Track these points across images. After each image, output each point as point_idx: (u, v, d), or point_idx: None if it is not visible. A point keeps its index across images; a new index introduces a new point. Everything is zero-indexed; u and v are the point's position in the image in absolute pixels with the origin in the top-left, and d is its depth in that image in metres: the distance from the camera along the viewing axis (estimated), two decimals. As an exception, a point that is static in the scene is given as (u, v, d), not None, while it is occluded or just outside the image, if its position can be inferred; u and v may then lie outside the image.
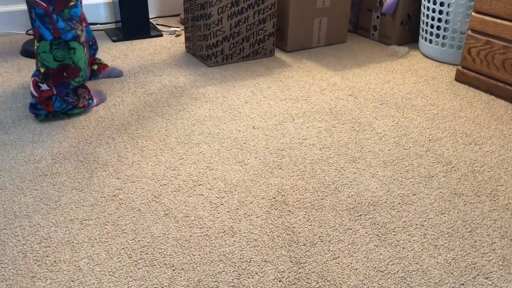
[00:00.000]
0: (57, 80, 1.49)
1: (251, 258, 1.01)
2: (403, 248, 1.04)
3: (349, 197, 1.20)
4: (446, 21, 1.99)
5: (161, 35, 2.41)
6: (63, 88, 1.51)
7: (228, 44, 1.94)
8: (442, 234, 1.08)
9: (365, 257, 1.02)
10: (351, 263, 1.00)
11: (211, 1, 1.82)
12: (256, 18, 1.94)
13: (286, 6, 2.11)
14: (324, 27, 2.23)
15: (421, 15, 2.13)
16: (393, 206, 1.17)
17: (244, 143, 1.43)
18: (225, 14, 1.87)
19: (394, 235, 1.08)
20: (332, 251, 1.03)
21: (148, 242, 1.05)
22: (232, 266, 0.99)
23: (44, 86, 1.49)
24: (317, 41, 2.25)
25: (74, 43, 1.47)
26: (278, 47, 2.26)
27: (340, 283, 0.95)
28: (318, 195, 1.21)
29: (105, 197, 1.19)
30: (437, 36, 2.06)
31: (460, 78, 1.88)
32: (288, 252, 1.03)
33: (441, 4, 1.98)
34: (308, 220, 1.12)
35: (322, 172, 1.30)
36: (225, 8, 1.86)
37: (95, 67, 1.85)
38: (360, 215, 1.14)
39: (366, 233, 1.09)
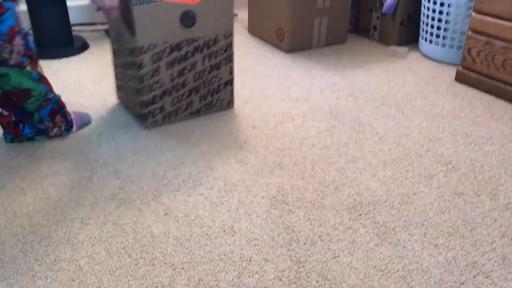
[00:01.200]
0: (9, 105, 1.34)
1: (251, 257, 1.01)
2: (403, 247, 1.04)
3: (349, 196, 1.21)
4: (446, 21, 1.99)
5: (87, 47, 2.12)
6: (18, 112, 1.35)
7: (170, 99, 1.48)
8: (442, 233, 1.09)
9: (365, 256, 1.02)
10: (351, 262, 1.00)
11: (142, 47, 1.36)
12: (206, 64, 1.50)
13: (286, 6, 2.08)
14: (324, 27, 2.19)
15: (421, 15, 2.13)
16: (393, 206, 1.17)
17: (244, 143, 1.43)
18: (163, 62, 1.42)
19: (394, 234, 1.08)
20: (332, 250, 1.03)
21: (148, 241, 1.05)
22: (232, 265, 0.99)
23: (3, 112, 1.37)
24: (317, 42, 2.22)
25: (2, 68, 1.24)
26: (277, 47, 2.25)
27: (340, 282, 0.95)
28: (318, 195, 1.21)
29: (105, 196, 1.19)
30: (437, 36, 2.06)
31: (460, 78, 1.88)
32: (288, 251, 1.03)
33: (441, 4, 1.98)
34: (308, 219, 1.12)
35: (322, 172, 1.30)
36: (162, 54, 1.41)
37: None
38: (360, 215, 1.14)
39: (366, 232, 1.09)
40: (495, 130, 1.53)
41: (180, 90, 1.49)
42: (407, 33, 2.30)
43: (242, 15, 2.77)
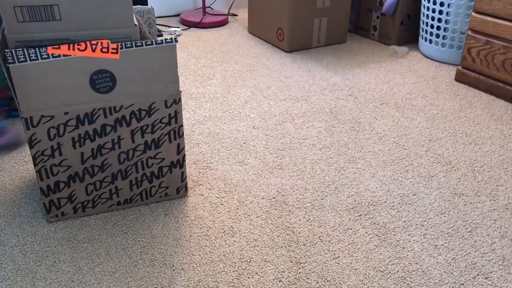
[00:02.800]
0: None
1: (251, 258, 1.01)
2: (403, 248, 1.04)
3: (349, 197, 1.20)
4: (446, 21, 1.99)
5: None
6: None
7: (81, 186, 1.09)
8: (442, 234, 1.08)
9: (365, 257, 1.02)
10: (351, 263, 1.00)
11: (31, 117, 0.98)
12: (138, 141, 1.09)
13: (286, 6, 2.08)
14: (324, 27, 2.21)
15: (421, 15, 2.13)
16: (393, 206, 1.17)
17: (244, 143, 1.43)
18: (66, 137, 1.03)
19: (394, 235, 1.08)
20: (332, 251, 1.03)
21: (148, 242, 1.05)
22: (232, 266, 0.99)
23: None
24: (317, 41, 2.24)
25: None
26: (277, 47, 2.25)
27: (340, 283, 0.95)
28: (318, 195, 1.21)
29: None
30: (437, 36, 2.06)
31: (460, 78, 1.88)
32: (288, 252, 1.03)
33: (441, 4, 1.98)
34: (308, 220, 1.12)
35: (322, 172, 1.30)
36: (63, 127, 1.02)
37: None
38: (360, 215, 1.14)
39: (366, 233, 1.09)
40: (495, 130, 1.53)
41: (98, 174, 1.09)
42: (407, 33, 2.30)
43: (242, 15, 2.77)
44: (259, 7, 2.32)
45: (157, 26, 2.55)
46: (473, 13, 1.76)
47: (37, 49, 0.93)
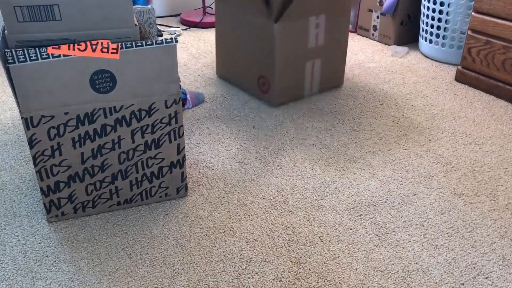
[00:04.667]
0: None
1: (251, 258, 1.01)
2: (403, 248, 1.04)
3: (349, 197, 1.20)
4: (446, 21, 1.99)
5: None
6: None
7: (81, 186, 1.09)
8: (442, 234, 1.08)
9: (365, 257, 1.02)
10: (351, 263, 1.00)
11: (31, 117, 0.99)
12: (137, 141, 1.09)
13: (271, 48, 1.56)
14: (318, 70, 1.71)
15: (421, 15, 2.13)
16: (393, 206, 1.17)
17: (244, 143, 1.43)
18: (67, 137, 1.03)
19: (394, 235, 1.08)
20: (332, 251, 1.03)
21: (148, 242, 1.05)
22: (232, 266, 0.99)
23: None
24: (310, 89, 1.72)
25: None
26: (259, 99, 1.70)
27: (340, 283, 0.95)
28: (318, 195, 1.21)
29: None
30: (437, 36, 2.06)
31: (460, 78, 1.88)
32: (288, 252, 1.03)
33: (441, 4, 1.98)
34: (308, 220, 1.12)
35: (322, 172, 1.30)
36: (63, 128, 1.02)
37: None
38: (360, 215, 1.14)
39: (366, 233, 1.09)
40: (495, 130, 1.53)
41: (98, 174, 1.09)
42: (407, 33, 2.30)
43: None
44: (232, 45, 1.75)
45: (157, 26, 2.55)
46: (473, 13, 1.76)
47: (37, 49, 0.93)
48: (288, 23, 1.55)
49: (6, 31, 0.95)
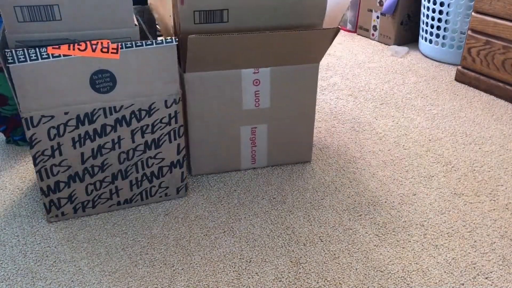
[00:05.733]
0: None
1: (251, 258, 1.01)
2: (403, 248, 1.04)
3: (349, 197, 1.21)
4: (446, 21, 1.99)
5: None
6: None
7: (81, 186, 1.09)
8: (442, 234, 1.09)
9: (365, 257, 1.02)
10: (351, 263, 1.00)
11: (31, 117, 0.98)
12: (137, 141, 1.08)
13: (184, 103, 1.20)
14: (263, 138, 1.29)
15: (421, 15, 2.13)
16: (393, 206, 1.17)
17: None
18: (67, 137, 1.03)
19: (394, 235, 1.08)
20: (332, 251, 1.03)
21: (148, 242, 1.05)
22: (232, 266, 0.99)
23: None
24: (251, 161, 1.31)
25: None
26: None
27: (339, 283, 0.95)
28: (318, 195, 1.21)
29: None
30: (437, 36, 2.06)
31: (460, 78, 1.88)
32: (288, 252, 1.03)
33: (441, 4, 1.98)
34: (308, 220, 1.12)
35: (322, 172, 1.30)
36: (64, 127, 1.01)
37: None
38: (360, 215, 1.14)
39: (366, 233, 1.09)
40: (495, 130, 1.53)
41: (98, 174, 1.09)
42: (407, 33, 2.30)
43: None
44: None
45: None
46: (473, 13, 1.76)
47: (37, 49, 0.93)
48: (208, 74, 1.15)
49: (6, 31, 0.95)
